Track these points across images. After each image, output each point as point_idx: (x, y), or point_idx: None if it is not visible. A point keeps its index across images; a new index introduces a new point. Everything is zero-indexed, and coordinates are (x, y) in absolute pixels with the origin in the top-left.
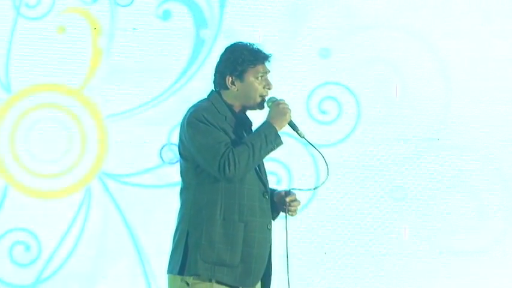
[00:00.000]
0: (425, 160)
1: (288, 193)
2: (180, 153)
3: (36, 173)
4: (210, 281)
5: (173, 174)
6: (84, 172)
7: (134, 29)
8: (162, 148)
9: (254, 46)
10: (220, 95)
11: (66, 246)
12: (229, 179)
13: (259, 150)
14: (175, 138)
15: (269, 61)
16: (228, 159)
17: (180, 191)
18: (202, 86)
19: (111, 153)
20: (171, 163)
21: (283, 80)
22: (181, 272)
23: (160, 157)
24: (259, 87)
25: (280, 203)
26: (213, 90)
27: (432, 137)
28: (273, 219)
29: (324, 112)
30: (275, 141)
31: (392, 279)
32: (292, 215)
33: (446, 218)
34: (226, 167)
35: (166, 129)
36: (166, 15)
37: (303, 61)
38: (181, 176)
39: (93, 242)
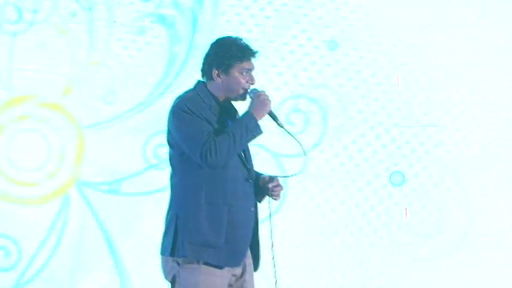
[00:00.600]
0: (424, 146)
1: (271, 179)
2: (168, 142)
3: (16, 180)
4: (198, 262)
5: (151, 182)
6: (63, 180)
7: (114, 22)
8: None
9: (243, 42)
10: (205, 85)
11: (46, 251)
12: (211, 166)
13: (240, 139)
14: (152, 145)
15: (255, 57)
16: (210, 147)
17: (170, 177)
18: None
19: (89, 162)
20: None
21: (288, 70)
22: (172, 254)
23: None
24: (243, 82)
25: (264, 188)
26: (199, 80)
27: (431, 124)
28: (259, 202)
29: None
30: (255, 131)
31: (393, 261)
32: (275, 199)
33: (447, 202)
34: (208, 155)
35: (143, 138)
36: (142, 31)
37: (308, 53)
38: (169, 162)
39: (72, 247)
